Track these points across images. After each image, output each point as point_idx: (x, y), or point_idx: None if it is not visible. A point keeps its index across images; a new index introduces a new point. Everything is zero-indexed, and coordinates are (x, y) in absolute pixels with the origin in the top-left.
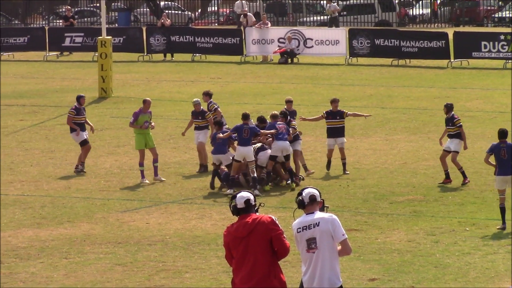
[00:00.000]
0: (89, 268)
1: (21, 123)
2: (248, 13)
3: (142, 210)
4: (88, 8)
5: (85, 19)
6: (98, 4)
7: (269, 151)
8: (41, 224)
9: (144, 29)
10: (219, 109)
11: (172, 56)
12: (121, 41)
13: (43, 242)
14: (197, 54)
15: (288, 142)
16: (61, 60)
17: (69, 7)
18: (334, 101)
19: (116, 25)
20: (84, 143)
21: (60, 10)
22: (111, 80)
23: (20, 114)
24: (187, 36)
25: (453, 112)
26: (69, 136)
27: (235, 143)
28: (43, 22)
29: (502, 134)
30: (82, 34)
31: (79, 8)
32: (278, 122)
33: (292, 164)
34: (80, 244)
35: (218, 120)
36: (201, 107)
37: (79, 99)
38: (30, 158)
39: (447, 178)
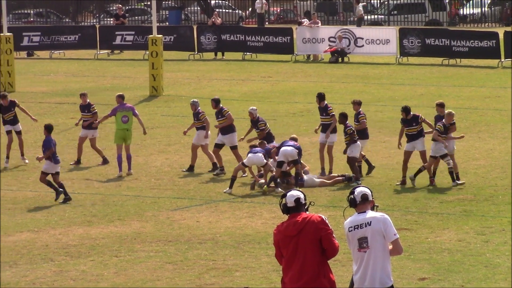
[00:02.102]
0: (139, 266)
1: (72, 121)
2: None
3: (193, 208)
4: (139, 7)
5: (136, 17)
6: (149, 3)
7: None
8: (92, 222)
9: (194, 27)
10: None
11: (223, 54)
12: (172, 40)
13: (94, 240)
14: (247, 53)
15: (292, 148)
16: (112, 59)
17: (120, 5)
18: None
19: (167, 23)
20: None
21: (111, 8)
22: (161, 79)
23: (71, 112)
24: (238, 35)
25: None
26: None
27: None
28: (94, 21)
29: None
30: (133, 32)
31: (130, 7)
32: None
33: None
34: (130, 242)
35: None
36: (198, 108)
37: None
38: (81, 156)
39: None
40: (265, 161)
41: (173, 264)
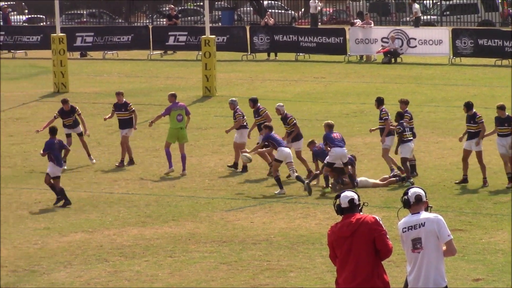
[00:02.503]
0: (194, 266)
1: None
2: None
3: (247, 209)
4: (191, 7)
5: (189, 18)
6: (202, 3)
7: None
8: (146, 223)
9: (247, 28)
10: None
11: (276, 55)
12: (224, 40)
13: (148, 240)
14: (300, 54)
15: (345, 149)
16: (165, 59)
17: (172, 6)
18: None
19: (220, 24)
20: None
21: (164, 9)
22: (215, 79)
23: None
24: (291, 35)
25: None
26: None
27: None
28: (147, 21)
29: None
30: (186, 33)
31: (183, 7)
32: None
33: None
34: (184, 243)
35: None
36: (236, 107)
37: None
38: (135, 156)
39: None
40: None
41: (228, 265)
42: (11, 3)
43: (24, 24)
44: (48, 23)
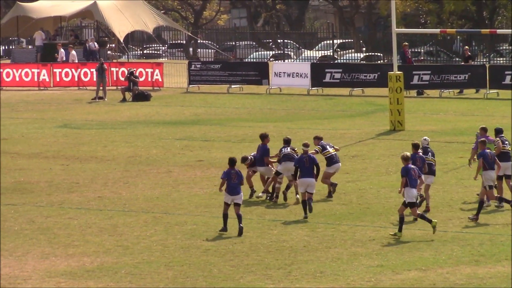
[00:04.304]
0: None
1: (461, 160)
2: None
3: None
4: None
5: None
6: None
7: None
8: (479, 262)
9: None
10: None
11: None
12: None
13: (481, 279)
14: None
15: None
16: (501, 98)
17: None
18: None
19: None
20: None
21: (501, 48)
22: None
23: (460, 151)
24: None
25: None
26: None
27: None
28: (484, 60)
29: None
30: None
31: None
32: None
33: None
34: None
35: None
36: None
37: None
38: (470, 195)
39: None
40: None
41: None
42: (350, 40)
43: (361, 61)
44: (385, 60)
